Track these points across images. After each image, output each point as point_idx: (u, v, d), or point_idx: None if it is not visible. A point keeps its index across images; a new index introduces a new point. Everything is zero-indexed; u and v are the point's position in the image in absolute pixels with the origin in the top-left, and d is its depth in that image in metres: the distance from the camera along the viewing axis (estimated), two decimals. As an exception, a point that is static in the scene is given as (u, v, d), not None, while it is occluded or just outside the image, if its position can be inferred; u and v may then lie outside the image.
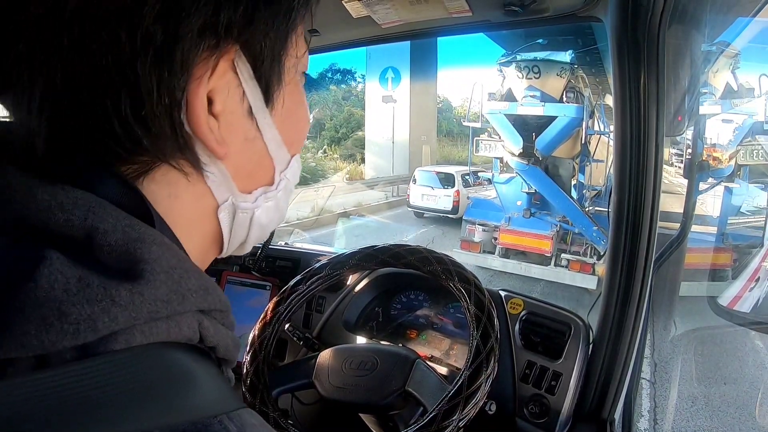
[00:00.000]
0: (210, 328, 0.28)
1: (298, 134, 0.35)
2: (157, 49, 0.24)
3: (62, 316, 0.22)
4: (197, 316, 0.28)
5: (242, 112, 0.30)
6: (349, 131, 14.73)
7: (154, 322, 0.25)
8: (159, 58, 0.24)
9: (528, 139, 4.78)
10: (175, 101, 0.25)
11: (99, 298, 0.23)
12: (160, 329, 0.25)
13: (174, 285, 0.26)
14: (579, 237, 4.96)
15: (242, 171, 0.32)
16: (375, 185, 11.08)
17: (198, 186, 0.30)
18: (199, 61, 0.26)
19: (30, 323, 0.21)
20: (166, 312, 0.25)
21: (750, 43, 4.24)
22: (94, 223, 0.24)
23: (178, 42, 0.24)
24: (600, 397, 0.87)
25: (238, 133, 0.30)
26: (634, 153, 0.77)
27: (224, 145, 0.29)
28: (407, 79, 11.91)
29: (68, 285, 0.22)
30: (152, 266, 0.25)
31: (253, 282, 1.24)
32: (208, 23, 0.25)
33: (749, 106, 4.34)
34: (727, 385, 2.96)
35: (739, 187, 4.55)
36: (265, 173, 0.34)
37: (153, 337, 0.25)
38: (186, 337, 0.27)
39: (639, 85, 0.75)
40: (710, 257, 4.15)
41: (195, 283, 0.27)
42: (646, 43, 0.73)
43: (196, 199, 0.30)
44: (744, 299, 2.98)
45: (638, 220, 0.79)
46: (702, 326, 3.16)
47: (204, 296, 0.27)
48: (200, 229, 0.32)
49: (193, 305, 0.27)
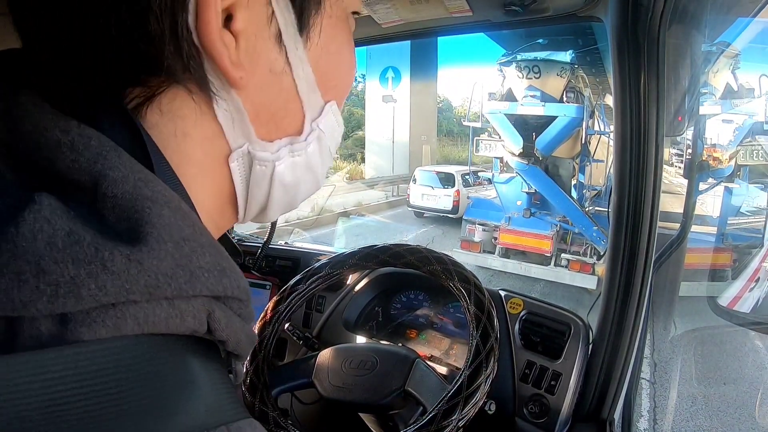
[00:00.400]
0: (222, 320, 0.24)
1: (339, 79, 0.29)
2: None
3: (40, 273, 0.18)
4: (208, 303, 0.23)
5: (269, 36, 0.25)
6: (349, 131, 14.73)
7: (152, 303, 0.21)
8: None
9: (528, 139, 4.78)
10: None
11: (88, 259, 0.19)
12: (157, 317, 0.21)
13: (183, 259, 0.21)
14: (579, 237, 4.97)
15: (263, 111, 0.26)
16: (375, 185, 11.08)
17: (208, 122, 0.25)
18: None
19: (1, 276, 0.18)
20: (169, 291, 0.21)
21: (750, 43, 4.25)
22: (103, 169, 0.21)
23: None
24: (600, 397, 0.87)
25: (260, 60, 0.25)
26: (634, 153, 0.77)
27: (241, 69, 0.24)
28: (407, 79, 11.90)
29: (54, 238, 0.19)
30: (159, 232, 0.21)
31: (252, 281, 1.24)
32: None
33: (749, 107, 4.34)
34: (727, 385, 2.96)
35: (739, 188, 4.55)
36: (293, 119, 0.28)
37: (148, 326, 0.20)
38: (189, 329, 0.22)
39: (639, 85, 0.75)
40: (710, 257, 4.15)
41: (209, 261, 0.23)
42: (646, 43, 0.73)
43: (207, 141, 0.25)
44: (744, 299, 2.98)
45: (638, 220, 0.79)
46: (702, 326, 3.16)
47: (219, 278, 0.23)
48: (213, 183, 0.27)
49: (204, 288, 0.22)
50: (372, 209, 9.42)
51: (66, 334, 0.19)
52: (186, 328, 0.22)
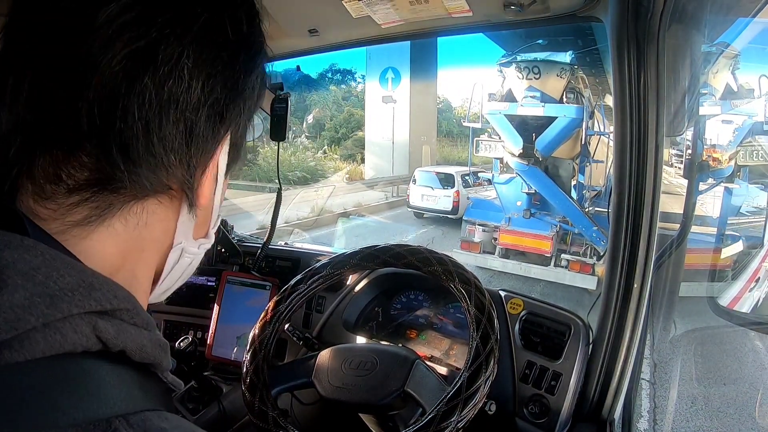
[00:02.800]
0: (109, 330, 0.26)
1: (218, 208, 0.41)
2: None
3: None
4: (88, 318, 0.25)
5: (214, 176, 0.36)
6: (349, 131, 14.73)
7: (22, 334, 0.23)
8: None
9: (528, 140, 4.79)
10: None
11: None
12: (34, 341, 0.23)
13: (36, 287, 0.24)
14: (579, 237, 4.97)
15: (202, 220, 0.37)
16: (375, 185, 11.08)
17: (169, 223, 0.34)
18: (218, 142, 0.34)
19: None
20: (33, 319, 0.23)
21: (750, 43, 4.25)
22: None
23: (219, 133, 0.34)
24: (600, 397, 0.87)
25: (211, 188, 0.36)
26: (634, 153, 0.77)
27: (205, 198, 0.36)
28: (407, 80, 11.90)
29: None
30: (7, 272, 0.24)
31: (252, 282, 1.24)
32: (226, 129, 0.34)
33: (749, 107, 4.34)
34: (727, 385, 2.96)
35: (739, 188, 4.55)
36: (209, 225, 0.39)
37: (28, 352, 0.23)
38: (79, 345, 0.25)
39: (639, 85, 0.75)
40: (710, 257, 4.15)
41: (71, 281, 0.25)
42: (646, 44, 0.73)
43: (162, 233, 0.34)
44: (744, 299, 2.98)
45: (638, 220, 0.79)
46: (702, 326, 3.16)
47: (88, 294, 0.26)
48: (152, 263, 0.35)
49: (74, 306, 0.25)
50: (372, 210, 9.42)
51: None
52: (71, 344, 0.24)
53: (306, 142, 13.64)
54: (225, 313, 1.24)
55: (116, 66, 0.27)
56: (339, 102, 15.96)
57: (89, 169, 0.29)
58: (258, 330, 0.87)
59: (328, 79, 16.06)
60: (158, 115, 0.29)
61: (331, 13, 0.90)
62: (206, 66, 0.30)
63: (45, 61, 0.28)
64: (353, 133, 14.52)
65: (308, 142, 13.71)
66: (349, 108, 15.43)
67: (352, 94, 16.29)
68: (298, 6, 0.94)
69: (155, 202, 0.32)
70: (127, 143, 0.28)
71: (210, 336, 1.23)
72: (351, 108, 15.43)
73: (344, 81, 16.36)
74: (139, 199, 0.31)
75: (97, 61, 0.27)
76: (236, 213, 6.76)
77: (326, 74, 16.05)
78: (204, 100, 0.30)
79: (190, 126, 0.30)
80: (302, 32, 1.01)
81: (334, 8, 0.86)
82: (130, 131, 0.28)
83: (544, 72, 4.67)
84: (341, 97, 16.26)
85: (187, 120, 0.30)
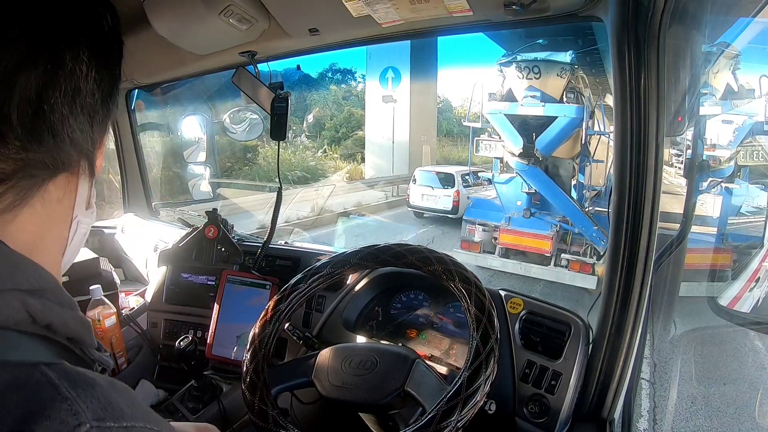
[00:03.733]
0: (37, 306, 0.32)
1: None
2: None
3: None
4: (19, 294, 0.31)
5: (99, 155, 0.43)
6: (349, 131, 14.72)
7: None
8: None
9: (528, 139, 4.79)
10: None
11: None
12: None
13: None
14: (579, 237, 4.97)
15: (89, 191, 0.43)
16: (375, 185, 11.08)
17: (71, 196, 0.40)
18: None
19: None
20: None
21: (750, 43, 4.24)
22: None
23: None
24: (599, 396, 0.87)
25: (101, 160, 0.43)
26: (634, 153, 0.77)
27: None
28: (407, 79, 11.90)
29: None
30: None
31: (253, 281, 1.24)
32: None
33: (749, 107, 4.34)
34: (727, 385, 2.96)
35: (739, 188, 4.55)
36: (92, 197, 0.44)
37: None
38: (11, 318, 0.30)
39: (639, 85, 0.75)
40: (710, 257, 4.14)
41: (1, 263, 0.31)
42: (646, 43, 0.73)
43: (66, 207, 0.40)
44: (744, 299, 2.98)
45: (638, 220, 0.79)
46: (702, 326, 3.16)
47: (17, 273, 0.32)
48: (61, 236, 0.40)
49: (8, 282, 0.31)
50: (372, 209, 9.42)
51: None
52: (5, 317, 0.30)
53: (306, 141, 13.65)
54: (225, 313, 1.24)
55: (33, 80, 0.34)
56: (339, 101, 15.95)
57: (14, 160, 0.34)
58: (258, 329, 0.87)
59: (328, 78, 16.07)
60: (70, 107, 0.36)
61: (332, 12, 0.89)
62: (94, 68, 0.38)
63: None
64: (353, 133, 14.51)
65: (308, 142, 13.71)
66: (349, 107, 15.42)
67: (352, 94, 16.28)
68: (298, 6, 0.94)
69: (64, 177, 0.38)
70: (53, 128, 0.35)
71: (210, 335, 1.23)
72: (351, 107, 15.43)
73: (344, 80, 16.37)
74: (52, 178, 0.37)
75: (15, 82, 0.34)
76: (236, 212, 6.77)
77: (326, 74, 16.07)
78: (98, 92, 0.39)
79: (91, 111, 0.38)
80: (302, 32, 1.01)
81: (334, 8, 0.86)
82: (56, 120, 0.35)
83: (545, 72, 4.67)
84: (341, 96, 16.26)
85: (89, 106, 0.38)
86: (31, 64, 0.34)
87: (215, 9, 0.90)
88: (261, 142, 9.58)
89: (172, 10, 0.95)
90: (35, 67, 0.34)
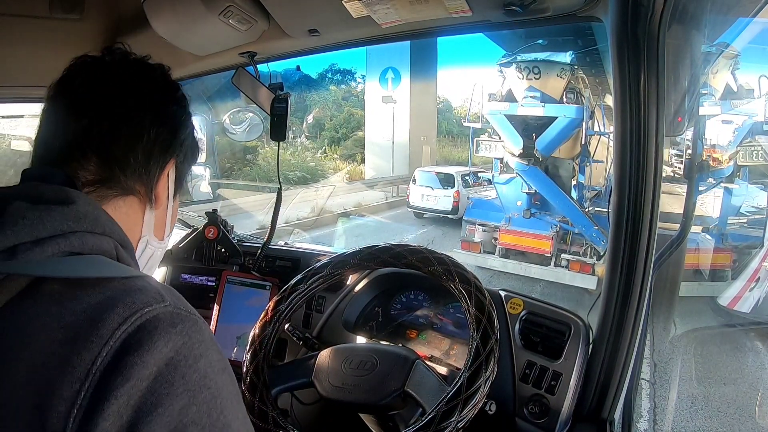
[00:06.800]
0: (122, 253, 0.47)
1: (171, 222, 0.62)
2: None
3: (22, 218, 0.40)
4: (112, 242, 0.46)
5: (170, 189, 0.58)
6: (349, 131, 14.72)
7: (83, 235, 0.43)
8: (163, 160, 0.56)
9: (528, 140, 4.79)
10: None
11: (41, 211, 0.41)
12: (89, 243, 0.43)
13: (86, 207, 0.45)
14: (579, 237, 4.97)
15: (158, 222, 0.58)
16: (375, 185, 11.08)
17: (138, 217, 0.55)
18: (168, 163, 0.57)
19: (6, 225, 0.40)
20: (87, 224, 0.44)
21: (750, 43, 4.25)
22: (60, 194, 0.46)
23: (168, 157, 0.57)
24: (600, 397, 0.86)
25: (164, 196, 0.57)
26: (634, 153, 0.77)
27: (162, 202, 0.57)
28: (407, 80, 11.91)
29: (25, 207, 0.41)
30: (78, 199, 0.45)
31: (252, 282, 1.24)
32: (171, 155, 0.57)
33: (749, 107, 4.34)
34: (727, 385, 2.96)
35: (739, 188, 4.56)
36: (163, 230, 0.59)
37: (88, 248, 0.43)
38: (108, 250, 0.45)
39: (639, 85, 0.75)
40: (710, 257, 4.15)
41: (106, 218, 0.47)
42: (646, 44, 0.73)
43: (135, 224, 0.54)
44: (744, 299, 2.98)
45: (638, 220, 0.79)
46: (702, 326, 3.17)
47: (112, 228, 0.47)
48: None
49: (106, 231, 0.46)
50: (372, 210, 9.42)
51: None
52: (102, 248, 0.45)
53: (306, 142, 13.65)
54: (225, 313, 1.24)
55: (105, 123, 0.51)
56: (339, 102, 15.96)
57: (93, 173, 0.50)
58: (258, 330, 0.87)
59: (328, 79, 16.09)
60: (131, 146, 0.52)
61: (331, 13, 0.89)
62: (156, 122, 0.54)
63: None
64: (353, 133, 14.52)
65: (308, 142, 13.72)
66: (349, 108, 15.43)
67: (352, 94, 16.29)
68: (298, 6, 0.94)
69: (133, 199, 0.53)
70: (118, 159, 0.51)
71: (210, 336, 1.22)
72: (351, 108, 15.43)
73: (344, 81, 16.39)
74: (122, 197, 0.52)
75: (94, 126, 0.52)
76: (236, 213, 6.76)
77: (326, 74, 16.09)
78: (155, 139, 0.54)
79: (148, 153, 0.53)
80: (302, 32, 1.01)
81: (334, 8, 0.86)
82: (120, 153, 0.52)
83: (544, 72, 4.68)
84: (341, 97, 16.27)
85: (146, 150, 0.53)
86: (117, 128, 0.51)
87: (215, 10, 0.90)
88: (261, 143, 9.57)
89: (171, 11, 0.95)
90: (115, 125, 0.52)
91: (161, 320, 0.38)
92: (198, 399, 0.37)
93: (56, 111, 0.52)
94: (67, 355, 0.35)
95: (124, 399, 0.34)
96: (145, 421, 0.34)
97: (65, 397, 0.33)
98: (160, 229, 0.58)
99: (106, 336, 0.36)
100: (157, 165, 0.54)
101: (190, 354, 0.38)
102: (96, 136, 0.50)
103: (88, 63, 0.54)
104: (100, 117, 0.50)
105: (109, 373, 0.34)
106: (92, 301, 0.38)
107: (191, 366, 0.37)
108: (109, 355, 0.35)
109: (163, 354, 0.36)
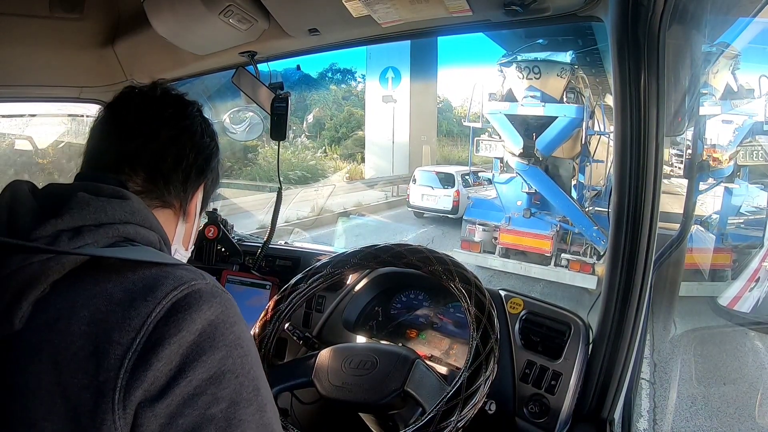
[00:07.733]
0: (164, 249, 0.57)
1: (194, 235, 0.71)
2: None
3: (87, 205, 0.49)
4: (158, 238, 0.55)
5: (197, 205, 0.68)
6: (349, 131, 14.71)
7: (136, 226, 0.52)
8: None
9: (528, 140, 4.79)
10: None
11: (102, 201, 0.51)
12: (141, 233, 0.52)
13: (139, 205, 0.54)
14: (579, 237, 4.97)
15: (186, 233, 0.67)
16: (375, 185, 11.08)
17: (172, 227, 0.64)
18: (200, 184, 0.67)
19: (73, 209, 0.48)
20: (139, 218, 0.53)
21: (750, 43, 4.24)
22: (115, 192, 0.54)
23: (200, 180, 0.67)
24: (600, 396, 0.87)
25: (194, 210, 0.67)
26: (634, 153, 0.77)
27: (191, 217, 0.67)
28: (407, 79, 11.90)
29: (89, 197, 0.50)
30: (131, 196, 0.54)
31: (252, 281, 1.24)
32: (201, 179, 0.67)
33: (749, 107, 4.34)
34: (727, 385, 2.96)
35: (739, 188, 4.55)
36: (188, 241, 0.69)
37: (140, 238, 0.52)
38: (154, 242, 0.54)
39: (639, 85, 0.75)
40: (710, 257, 4.15)
41: (153, 217, 0.56)
42: (646, 43, 0.73)
43: (169, 233, 0.61)
44: (744, 299, 2.98)
45: (638, 220, 0.79)
46: (702, 326, 3.16)
47: (158, 227, 0.56)
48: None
49: (153, 227, 0.55)
50: (372, 209, 9.42)
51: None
52: (148, 239, 0.54)
53: (306, 141, 13.63)
54: (225, 313, 1.24)
55: (154, 145, 0.61)
56: (339, 101, 15.95)
57: (140, 185, 0.59)
58: (258, 329, 0.87)
59: (328, 78, 16.07)
60: (174, 167, 0.61)
61: (332, 12, 0.89)
62: (194, 149, 0.63)
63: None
64: (353, 133, 14.51)
65: (308, 142, 13.70)
66: (349, 107, 15.42)
67: (352, 94, 16.28)
68: (298, 6, 0.94)
69: (169, 212, 0.62)
70: (164, 175, 0.61)
71: (210, 335, 1.22)
72: (351, 107, 15.42)
73: (344, 80, 16.37)
74: (162, 208, 0.61)
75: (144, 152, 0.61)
76: (236, 212, 6.76)
77: (326, 74, 16.07)
78: (193, 163, 0.63)
79: (186, 174, 0.63)
80: (302, 32, 1.01)
81: (334, 8, 0.86)
82: (166, 171, 0.61)
83: (545, 72, 4.67)
84: (341, 96, 16.26)
85: (185, 171, 0.62)
86: (165, 150, 0.61)
87: (215, 9, 0.90)
88: (261, 142, 9.57)
89: (172, 10, 0.95)
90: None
91: (205, 292, 0.47)
92: (233, 354, 0.45)
93: (108, 132, 0.62)
94: (125, 310, 0.43)
95: (176, 346, 0.42)
96: (192, 366, 0.42)
97: (122, 343, 0.41)
98: (187, 240, 0.68)
99: (160, 297, 0.44)
100: (192, 185, 0.63)
101: (227, 320, 0.47)
102: (146, 155, 0.59)
103: (135, 94, 0.64)
104: (149, 140, 0.60)
105: (163, 325, 0.43)
106: (148, 274, 0.46)
107: (228, 328, 0.46)
108: (163, 311, 0.43)
109: (207, 316, 0.45)
